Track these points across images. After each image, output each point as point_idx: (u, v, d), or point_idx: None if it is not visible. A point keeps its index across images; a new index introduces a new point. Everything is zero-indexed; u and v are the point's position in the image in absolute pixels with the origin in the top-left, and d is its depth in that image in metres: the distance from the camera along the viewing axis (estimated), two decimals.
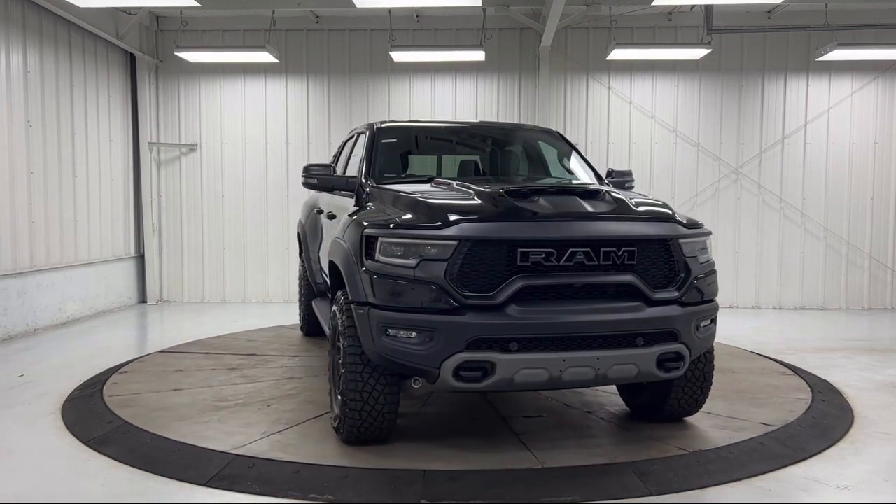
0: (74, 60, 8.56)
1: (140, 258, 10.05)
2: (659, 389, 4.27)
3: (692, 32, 9.53)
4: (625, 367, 3.62)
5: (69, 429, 4.37)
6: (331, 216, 5.32)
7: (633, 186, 5.14)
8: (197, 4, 7.78)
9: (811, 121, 9.68)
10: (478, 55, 9.07)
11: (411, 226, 3.63)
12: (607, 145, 9.72)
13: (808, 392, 5.17)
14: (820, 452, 4.01)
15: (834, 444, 4.14)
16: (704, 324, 3.90)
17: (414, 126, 5.64)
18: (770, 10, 9.31)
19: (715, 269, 4.08)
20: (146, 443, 4.06)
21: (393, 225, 3.67)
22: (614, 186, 4.84)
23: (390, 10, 9.15)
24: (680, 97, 9.76)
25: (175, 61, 9.83)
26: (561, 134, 5.80)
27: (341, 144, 6.57)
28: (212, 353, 6.28)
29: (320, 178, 4.76)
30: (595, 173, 5.28)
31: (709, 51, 8.89)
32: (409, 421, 4.42)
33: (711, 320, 3.99)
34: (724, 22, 9.03)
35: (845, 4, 9.00)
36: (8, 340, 7.20)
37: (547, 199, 3.77)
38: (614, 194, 3.97)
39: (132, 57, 9.78)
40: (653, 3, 7.98)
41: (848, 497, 3.45)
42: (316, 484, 3.51)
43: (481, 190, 3.96)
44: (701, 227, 4.02)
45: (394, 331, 3.54)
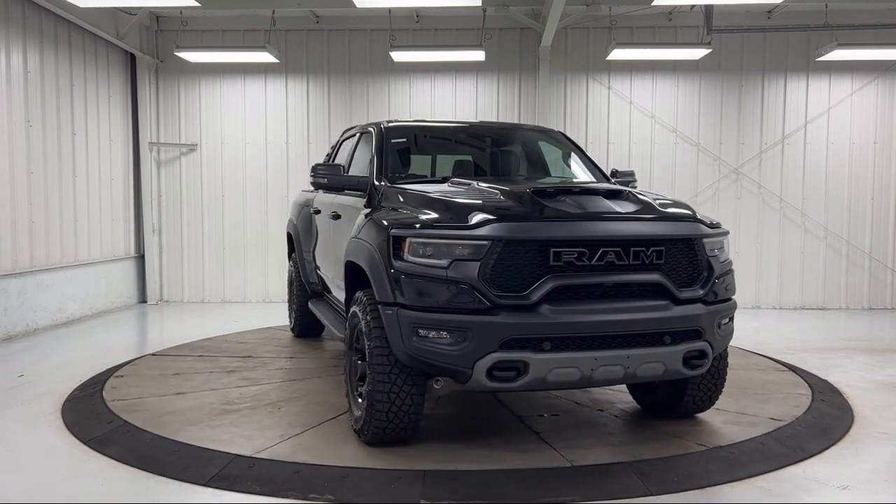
0: (74, 60, 8.56)
1: (140, 258, 10.05)
2: (675, 387, 4.32)
3: (692, 32, 9.54)
4: (653, 366, 3.66)
5: (69, 429, 4.37)
6: (335, 216, 5.30)
7: (637, 187, 5.16)
8: (197, 4, 7.78)
9: (811, 121, 9.68)
10: (478, 55, 9.07)
11: (443, 226, 3.62)
12: (607, 145, 9.72)
13: (809, 392, 5.17)
14: (820, 452, 4.01)
15: (834, 444, 4.14)
16: (724, 322, 3.97)
17: (421, 126, 5.63)
18: (770, 10, 9.31)
19: (732, 269, 4.14)
20: (146, 443, 4.06)
21: (423, 225, 3.66)
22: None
23: (390, 10, 9.15)
24: (680, 97, 9.76)
25: (175, 61, 9.83)
26: (567, 136, 5.83)
27: (336, 144, 6.54)
28: (206, 356, 6.21)
29: (330, 178, 4.74)
30: (602, 174, 5.34)
31: (709, 51, 8.89)
32: (426, 422, 4.39)
33: (730, 318, 4.05)
34: (724, 22, 9.03)
35: (845, 4, 9.01)
36: (8, 340, 7.20)
37: (574, 199, 3.80)
38: (637, 194, 4.02)
39: (132, 57, 9.78)
40: (653, 3, 7.98)
41: (848, 497, 3.45)
42: (316, 484, 3.51)
43: (508, 190, 3.97)
44: (720, 227, 4.09)
45: (425, 331, 3.52)
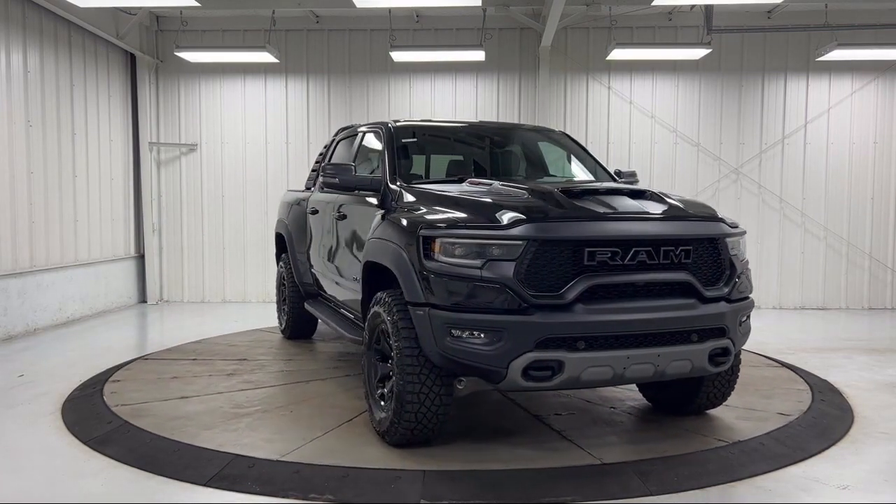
0: (74, 60, 8.56)
1: (140, 258, 10.05)
2: (690, 384, 4.38)
3: (692, 32, 9.54)
4: (681, 363, 3.72)
5: (69, 429, 4.37)
6: (340, 216, 5.27)
7: None
8: (197, 4, 7.78)
9: (811, 121, 9.68)
10: (478, 55, 9.07)
11: (477, 226, 3.62)
12: (607, 145, 9.72)
13: (809, 392, 5.17)
14: (820, 452, 4.01)
15: (834, 444, 4.14)
16: (744, 319, 4.04)
17: (429, 125, 5.60)
18: (770, 10, 9.32)
19: (749, 267, 4.20)
20: (146, 443, 4.06)
21: (456, 225, 3.65)
22: None
23: (390, 10, 9.15)
24: (680, 97, 9.76)
25: (175, 61, 9.83)
26: (572, 138, 5.86)
27: (331, 144, 6.49)
28: (200, 360, 6.10)
29: (342, 178, 4.70)
30: (609, 175, 5.40)
31: (709, 51, 8.89)
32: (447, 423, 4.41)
33: (748, 316, 4.11)
34: (724, 22, 9.03)
35: (845, 4, 9.01)
36: (8, 340, 7.20)
37: (602, 199, 3.83)
38: (660, 195, 4.05)
39: (132, 57, 9.78)
40: (653, 3, 7.98)
41: (848, 497, 3.45)
42: (316, 484, 3.51)
43: (534, 189, 3.99)
44: (738, 227, 4.15)
45: (458, 331, 3.51)
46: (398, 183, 4.54)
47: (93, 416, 4.57)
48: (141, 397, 4.95)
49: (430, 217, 3.84)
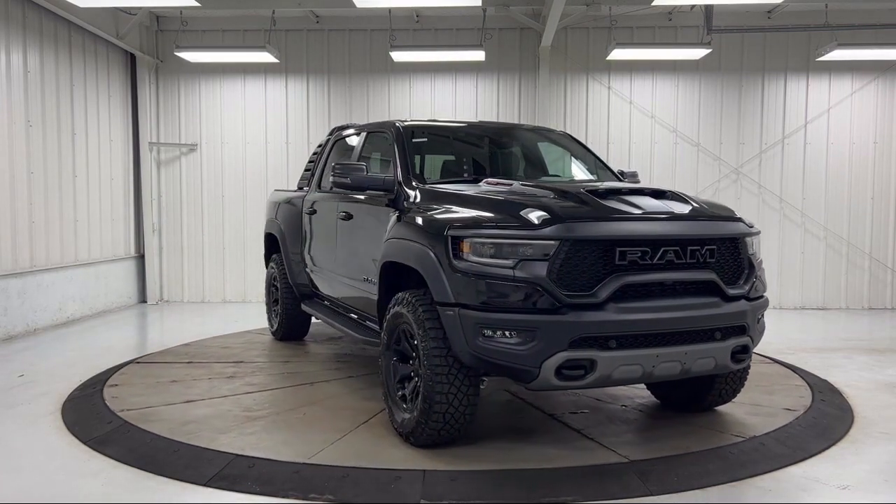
0: (74, 60, 8.56)
1: (140, 258, 10.05)
2: (702, 382, 4.44)
3: (692, 32, 9.54)
4: (706, 361, 3.77)
5: (69, 429, 4.37)
6: (345, 216, 5.25)
7: None
8: (197, 4, 7.79)
9: (811, 121, 9.68)
10: (478, 55, 9.07)
11: (508, 226, 3.61)
12: (607, 145, 9.72)
13: (808, 392, 5.18)
14: (820, 452, 4.01)
15: (834, 444, 4.14)
16: (760, 317, 4.10)
17: (436, 125, 5.58)
18: (770, 10, 9.32)
19: (763, 267, 4.26)
20: (146, 443, 4.06)
21: (487, 225, 3.65)
22: None
23: (390, 10, 9.15)
24: (680, 97, 9.76)
25: (175, 61, 9.84)
26: (575, 138, 5.88)
27: (327, 144, 6.44)
28: (195, 362, 5.99)
29: (354, 178, 4.66)
30: (614, 175, 5.46)
31: (709, 51, 8.89)
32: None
33: (762, 314, 4.17)
34: (724, 22, 9.03)
35: (845, 4, 9.01)
36: (8, 340, 7.20)
37: (627, 199, 3.85)
38: (681, 195, 4.10)
39: (132, 57, 9.78)
40: (653, 3, 7.99)
41: (848, 497, 3.45)
42: (316, 484, 3.51)
43: (560, 189, 4.01)
44: (754, 227, 4.20)
45: (490, 331, 3.51)
46: (414, 183, 4.52)
47: (93, 417, 4.57)
48: (144, 401, 4.85)
49: (459, 217, 3.83)
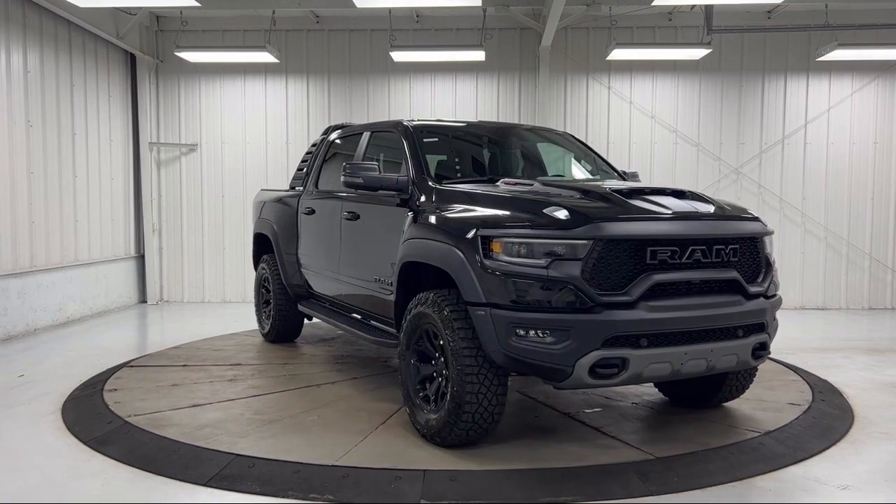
0: (74, 60, 8.56)
1: (140, 258, 10.05)
2: (713, 379, 4.50)
3: (692, 32, 9.54)
4: (729, 358, 3.85)
5: (69, 429, 4.37)
6: (352, 217, 5.22)
7: None
8: (197, 4, 7.79)
9: (811, 121, 9.68)
10: (478, 55, 9.07)
11: (540, 225, 3.62)
12: (607, 145, 9.72)
13: (809, 392, 5.18)
14: (820, 452, 4.01)
15: (834, 444, 4.14)
16: (775, 315, 4.20)
17: (445, 125, 5.58)
18: (770, 10, 9.32)
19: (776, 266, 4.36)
20: (146, 443, 4.06)
21: (519, 225, 3.66)
22: None
23: (390, 10, 9.15)
24: (680, 97, 9.76)
25: (175, 61, 9.84)
26: (579, 139, 5.91)
27: (322, 144, 6.39)
28: (190, 365, 5.87)
29: (366, 178, 4.63)
30: (619, 175, 5.51)
31: (709, 51, 8.89)
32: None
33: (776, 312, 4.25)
34: (724, 22, 9.03)
35: (845, 4, 9.01)
36: (8, 340, 7.20)
37: (652, 199, 3.88)
38: (700, 195, 4.16)
39: (132, 57, 9.78)
40: (653, 3, 7.99)
41: (848, 497, 3.45)
42: (316, 484, 3.51)
43: (586, 189, 4.05)
44: (767, 226, 4.27)
45: (523, 331, 3.51)
46: (430, 183, 4.50)
47: (93, 416, 4.57)
48: (151, 406, 4.73)
49: (489, 216, 3.83)
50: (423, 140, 4.97)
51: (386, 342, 4.75)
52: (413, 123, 5.14)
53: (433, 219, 4.13)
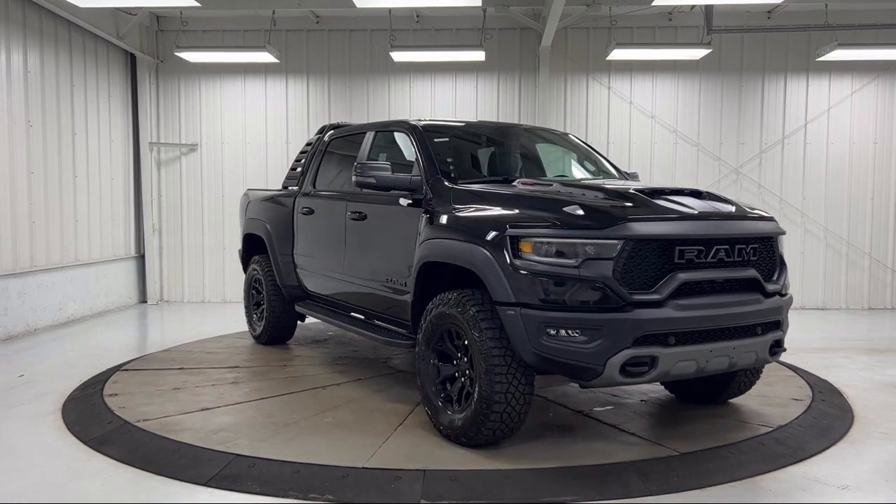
0: (75, 60, 8.56)
1: (140, 258, 10.05)
2: (723, 377, 4.55)
3: (692, 32, 9.54)
4: (749, 355, 3.91)
5: (69, 429, 4.37)
6: (358, 217, 5.19)
7: None
8: (197, 4, 7.79)
9: (811, 121, 9.68)
10: (478, 55, 9.07)
11: (571, 225, 3.64)
12: (607, 145, 9.72)
13: (809, 392, 5.18)
14: (820, 452, 4.01)
15: (834, 444, 4.14)
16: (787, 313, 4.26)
17: (454, 125, 5.58)
18: (770, 10, 9.32)
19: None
20: (146, 443, 4.06)
21: (549, 225, 3.66)
22: None
23: (390, 10, 9.15)
24: (680, 97, 9.76)
25: (175, 61, 9.84)
26: (578, 137, 5.92)
27: (318, 143, 6.32)
28: (188, 368, 5.77)
29: (379, 178, 4.61)
30: (624, 175, 5.55)
31: (709, 51, 8.89)
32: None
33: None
34: (724, 22, 9.03)
35: (845, 4, 9.01)
36: (8, 340, 7.20)
37: (675, 199, 3.92)
38: (718, 195, 4.21)
39: (132, 57, 9.79)
40: (653, 3, 7.99)
41: (848, 497, 3.45)
42: (316, 484, 3.51)
43: (610, 189, 4.09)
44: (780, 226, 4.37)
45: (554, 330, 3.54)
46: (446, 183, 4.49)
47: (93, 416, 4.57)
48: (157, 410, 4.63)
49: (517, 216, 3.83)
50: (435, 140, 4.96)
51: (397, 342, 4.73)
52: (422, 123, 5.12)
53: (456, 219, 4.13)
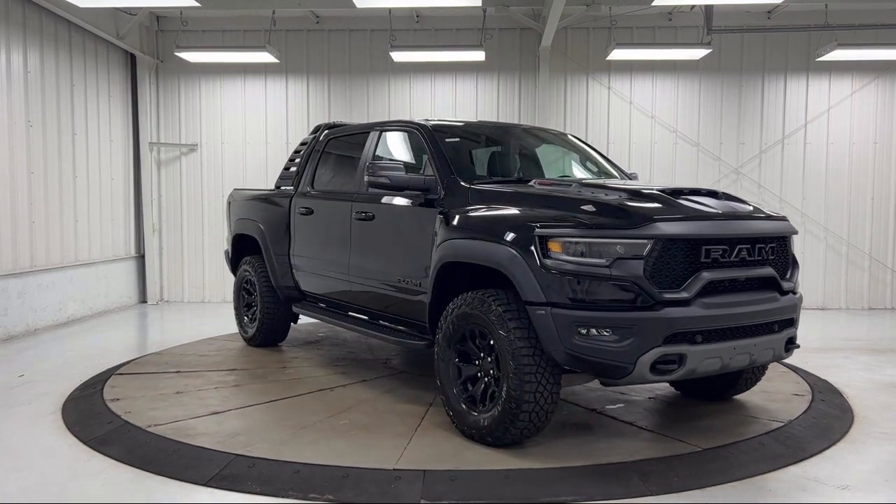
0: (75, 60, 8.56)
1: (140, 258, 10.05)
2: (731, 374, 4.60)
3: (692, 32, 9.54)
4: (767, 352, 4.00)
5: (69, 429, 4.37)
6: (366, 217, 5.15)
7: None
8: (197, 4, 7.79)
9: (811, 121, 9.68)
10: (478, 55, 9.07)
11: (601, 225, 3.66)
12: (607, 145, 9.72)
13: (809, 392, 5.18)
14: (820, 452, 4.01)
15: (834, 444, 4.14)
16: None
17: (462, 126, 5.56)
18: (770, 10, 9.32)
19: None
20: (146, 443, 4.06)
21: (580, 225, 3.68)
22: None
23: (390, 10, 9.15)
24: (680, 97, 9.76)
25: (175, 61, 9.84)
26: (580, 138, 5.93)
27: (315, 143, 6.26)
28: (185, 372, 5.66)
29: (393, 178, 4.58)
30: (626, 175, 5.58)
31: (709, 51, 8.89)
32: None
33: None
34: (724, 22, 9.03)
35: (845, 4, 9.01)
36: (8, 340, 7.20)
37: (696, 200, 3.98)
38: (733, 196, 4.28)
39: (132, 57, 9.78)
40: (653, 3, 7.99)
41: (848, 497, 3.45)
42: (316, 484, 3.51)
43: (632, 190, 4.14)
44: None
45: (586, 329, 3.56)
46: (462, 183, 4.48)
47: (93, 416, 4.56)
48: (165, 415, 4.51)
49: (545, 216, 3.84)
50: (446, 140, 4.95)
51: (408, 342, 4.72)
52: (432, 123, 5.12)
53: (479, 218, 4.13)
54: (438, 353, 4.25)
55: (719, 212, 3.90)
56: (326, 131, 6.28)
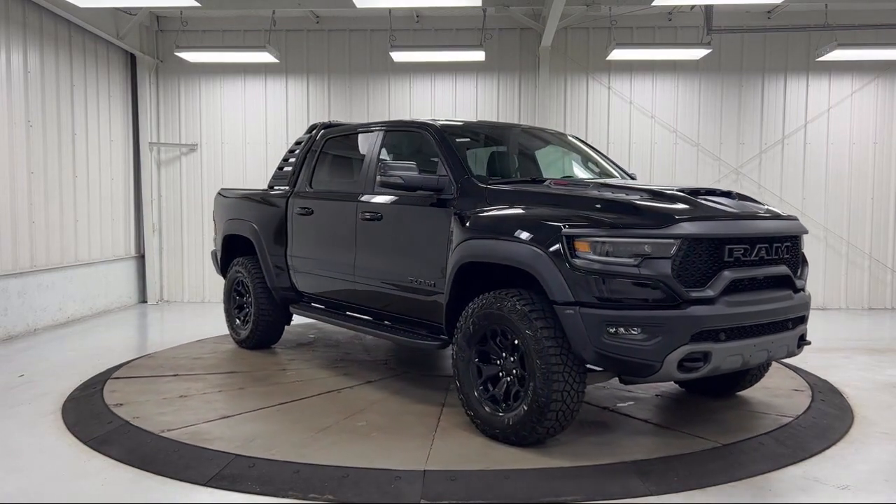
0: (75, 60, 8.56)
1: (140, 258, 10.06)
2: (738, 371, 4.61)
3: (692, 32, 9.54)
4: (782, 348, 4.09)
5: (69, 429, 4.37)
6: (373, 217, 5.11)
7: None
8: (197, 4, 7.79)
9: (811, 121, 9.68)
10: (478, 55, 9.07)
11: (630, 225, 3.70)
12: (607, 145, 9.72)
13: (809, 392, 5.18)
14: (820, 452, 4.01)
15: (834, 444, 4.14)
16: None
17: (469, 126, 5.53)
18: (770, 10, 9.32)
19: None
20: (146, 443, 4.06)
21: (608, 225, 3.71)
22: None
23: (390, 10, 9.15)
24: (680, 97, 9.76)
25: (175, 61, 9.84)
26: (581, 139, 5.94)
27: (311, 142, 6.19)
28: (183, 375, 5.56)
29: (406, 178, 4.57)
30: (628, 176, 5.63)
31: (709, 51, 8.89)
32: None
33: None
34: (724, 22, 9.03)
35: (845, 4, 9.01)
36: (8, 340, 7.20)
37: (713, 200, 4.04)
38: (746, 196, 4.36)
39: (132, 57, 9.78)
40: (653, 3, 7.99)
41: (848, 497, 3.45)
42: (316, 484, 3.51)
43: (651, 190, 4.21)
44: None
45: (614, 328, 3.60)
46: (478, 183, 4.48)
47: (93, 416, 4.56)
48: (176, 420, 4.42)
49: (573, 216, 3.85)
50: (456, 140, 4.94)
51: (421, 343, 4.71)
52: (441, 123, 5.11)
53: (501, 218, 4.14)
54: (457, 354, 4.23)
55: (739, 212, 3.98)
56: (323, 131, 6.21)
